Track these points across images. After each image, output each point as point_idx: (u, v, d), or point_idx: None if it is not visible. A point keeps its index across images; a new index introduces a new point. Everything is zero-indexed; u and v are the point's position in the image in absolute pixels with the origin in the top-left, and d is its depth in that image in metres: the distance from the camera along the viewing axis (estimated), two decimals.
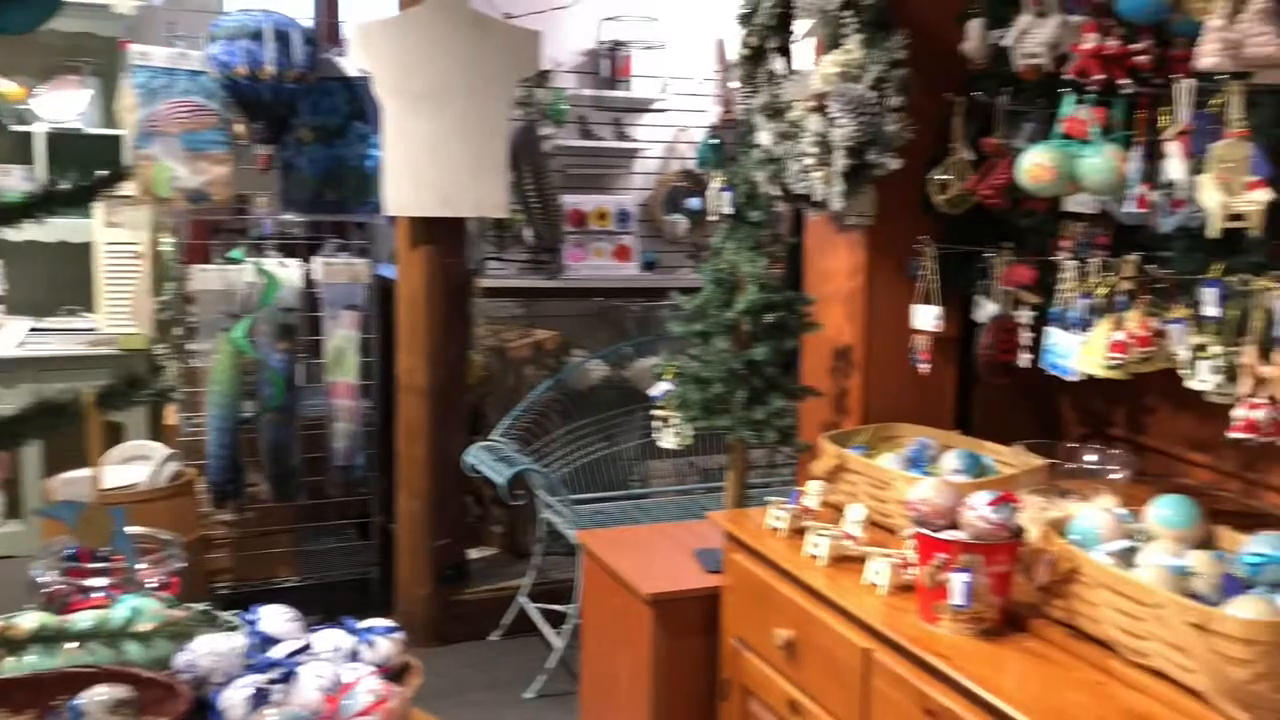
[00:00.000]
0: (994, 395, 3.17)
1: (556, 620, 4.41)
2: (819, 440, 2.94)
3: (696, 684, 2.91)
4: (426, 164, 4.41)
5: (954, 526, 2.20)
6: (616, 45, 6.10)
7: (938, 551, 2.16)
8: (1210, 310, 2.17)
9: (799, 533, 2.64)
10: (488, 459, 4.35)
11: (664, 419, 3.13)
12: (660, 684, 2.90)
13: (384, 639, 2.05)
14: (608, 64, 6.09)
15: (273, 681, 1.79)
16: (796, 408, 3.20)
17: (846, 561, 2.49)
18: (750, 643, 2.71)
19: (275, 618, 2.03)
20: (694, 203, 6.08)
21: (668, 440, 3.14)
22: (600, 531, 3.58)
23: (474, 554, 5.08)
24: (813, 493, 2.76)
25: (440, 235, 4.58)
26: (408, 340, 4.64)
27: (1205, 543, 2.17)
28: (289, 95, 4.52)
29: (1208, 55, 2.03)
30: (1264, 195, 1.99)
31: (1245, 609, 1.84)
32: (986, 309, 2.85)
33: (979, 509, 2.16)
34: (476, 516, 5.27)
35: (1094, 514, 2.22)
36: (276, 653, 1.94)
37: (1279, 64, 2.01)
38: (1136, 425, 3.08)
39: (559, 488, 4.35)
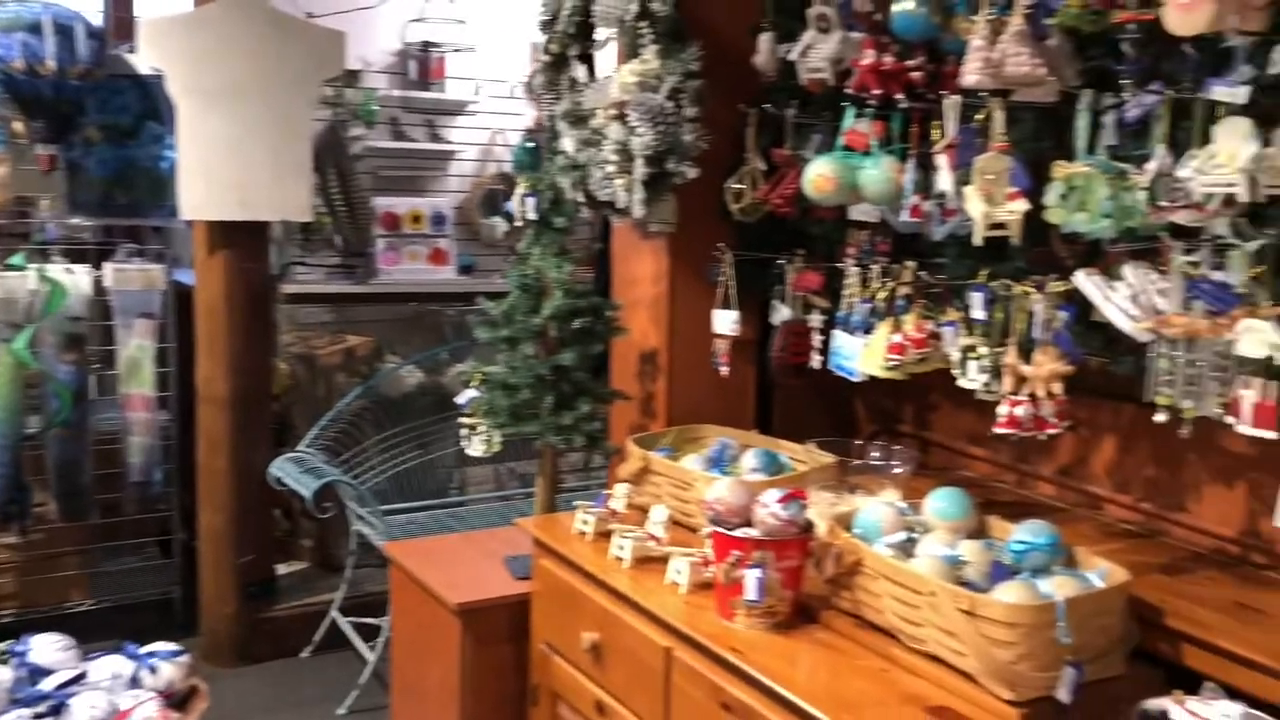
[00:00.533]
0: (792, 395, 3.29)
1: (370, 634, 4.32)
2: (626, 443, 2.98)
3: (507, 691, 2.91)
4: (224, 165, 4.25)
5: (749, 524, 2.26)
6: (428, 46, 6.02)
7: (732, 549, 2.23)
8: (978, 313, 2.31)
9: (605, 536, 2.67)
10: (294, 470, 4.23)
11: (471, 426, 3.11)
12: (469, 693, 2.89)
13: (167, 664, 1.97)
14: (415, 65, 6.01)
15: (40, 716, 1.70)
16: (606, 412, 3.23)
17: (651, 562, 2.53)
18: (559, 647, 2.72)
19: (46, 648, 1.92)
20: (511, 205, 6.05)
21: (476, 448, 3.12)
22: (408, 542, 3.52)
23: (283, 569, 4.93)
24: (619, 495, 2.79)
25: (240, 239, 4.42)
26: (207, 349, 4.47)
27: (978, 532, 2.30)
28: (73, 93, 4.28)
29: (970, 73, 2.16)
30: (1022, 205, 2.13)
31: (1009, 594, 1.97)
32: (781, 313, 2.94)
33: (770, 506, 2.23)
34: (285, 530, 5.10)
35: (877, 508, 2.33)
36: (48, 684, 1.84)
37: (1035, 82, 2.15)
38: (922, 421, 3.25)
39: (369, 498, 4.26)
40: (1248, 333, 1.77)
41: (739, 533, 2.24)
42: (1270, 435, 1.83)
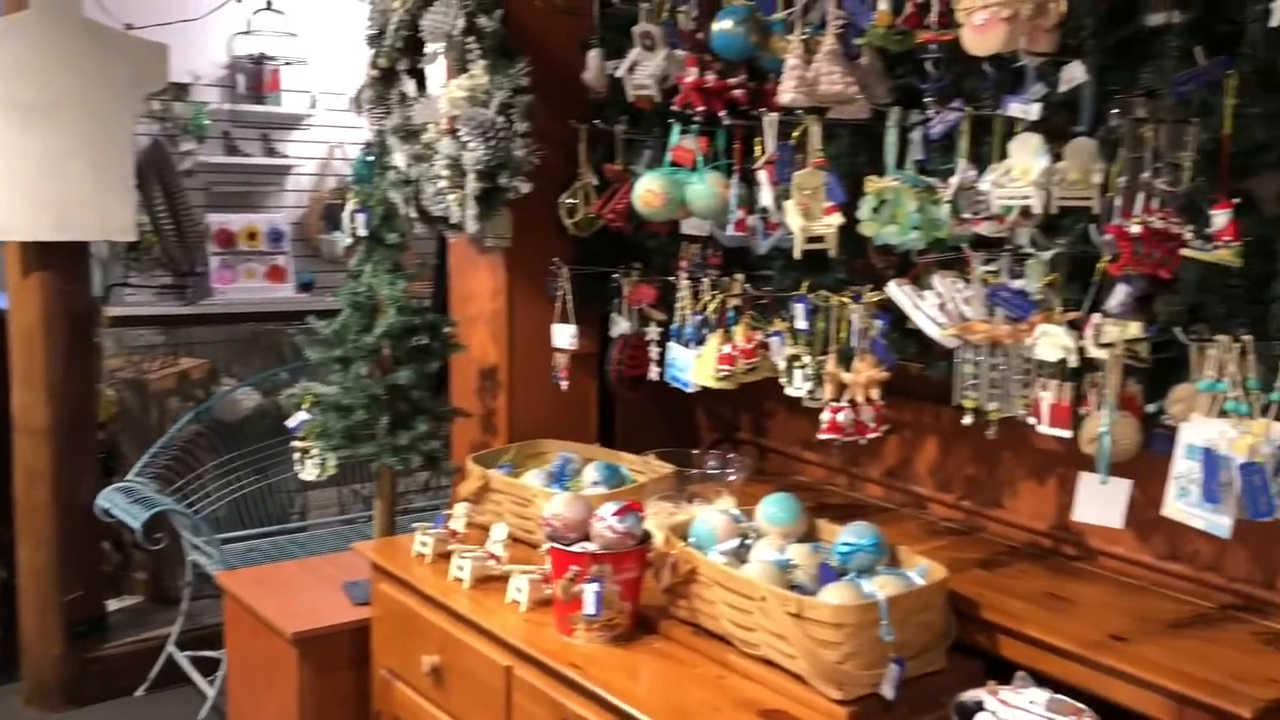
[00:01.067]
0: (634, 407, 3.32)
1: (209, 668, 4.16)
2: (465, 462, 2.95)
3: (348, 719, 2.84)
4: (39, 183, 4.04)
5: (587, 539, 2.27)
6: (261, 59, 5.86)
7: (570, 564, 2.23)
8: (801, 324, 2.38)
9: (446, 557, 2.63)
10: (122, 501, 4.04)
11: (304, 450, 3.03)
12: None
13: None
14: (244, 79, 5.83)
15: None
16: (447, 430, 3.20)
17: (491, 581, 2.51)
18: (400, 672, 2.67)
19: None
20: (361, 216, 5.93)
21: (309, 472, 3.04)
22: (243, 571, 3.41)
23: (114, 604, 4.69)
24: (459, 515, 2.76)
25: (59, 260, 4.21)
26: (23, 376, 4.23)
27: (808, 535, 2.36)
28: None
29: (786, 92, 2.22)
30: (837, 219, 2.21)
31: (834, 595, 2.02)
32: (620, 326, 2.97)
33: (607, 520, 2.24)
34: (116, 564, 4.87)
35: (712, 516, 2.37)
36: None
37: (847, 100, 2.23)
38: (760, 428, 3.32)
39: (204, 527, 4.10)
40: (1044, 337, 1.87)
41: (576, 547, 2.24)
42: (1066, 434, 1.94)
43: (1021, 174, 1.87)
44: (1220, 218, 1.66)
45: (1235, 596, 2.19)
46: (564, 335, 2.98)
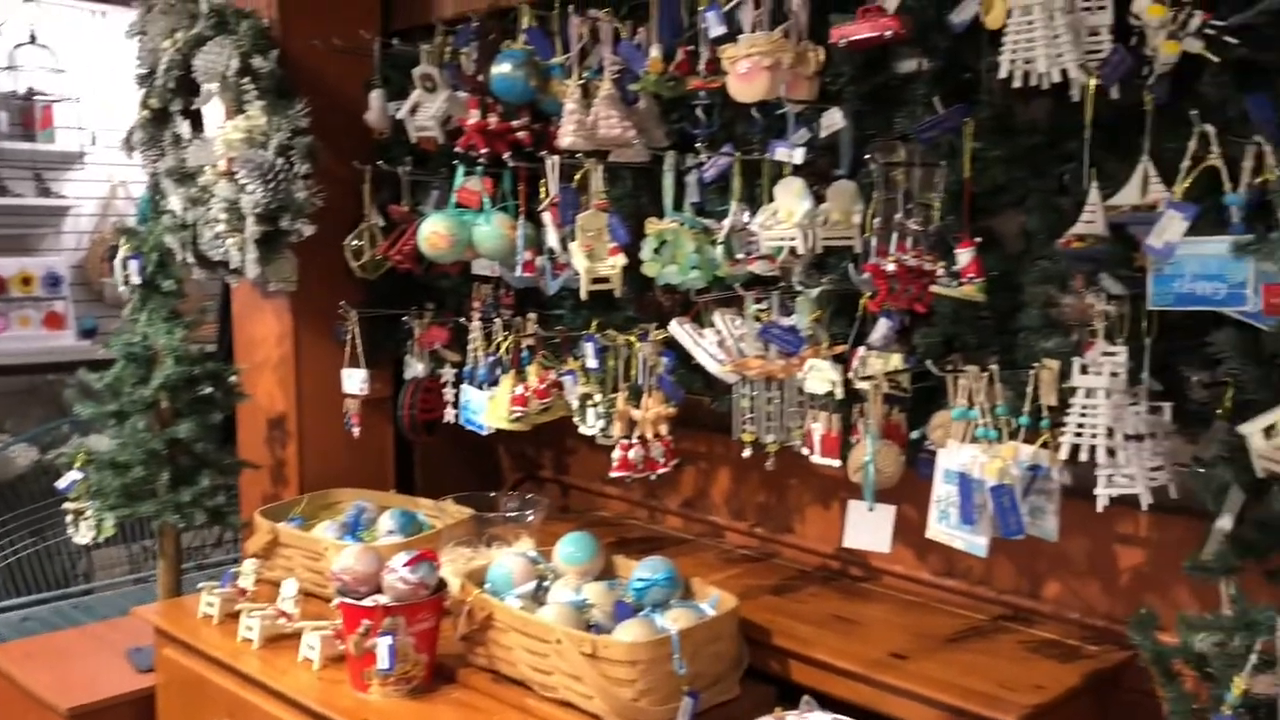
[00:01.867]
0: (434, 450, 3.27)
1: None
2: (254, 515, 2.84)
3: None
4: None
5: (379, 591, 2.22)
6: (30, 95, 5.53)
7: (362, 619, 2.17)
8: (591, 363, 2.40)
9: (234, 616, 2.52)
10: None
11: (77, 512, 2.85)
12: None
13: None
14: (8, 115, 5.49)
15: None
16: (235, 483, 3.07)
17: (283, 640, 2.42)
18: None
19: None
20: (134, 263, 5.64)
21: (83, 535, 2.86)
22: (13, 644, 3.17)
23: None
24: (247, 572, 2.65)
25: None
26: None
27: (606, 573, 2.38)
28: None
29: (566, 135, 2.25)
30: (621, 260, 2.24)
31: (627, 633, 2.04)
32: (415, 369, 2.93)
33: (398, 571, 2.20)
34: None
35: (509, 560, 2.35)
36: None
37: (625, 143, 2.28)
38: (562, 466, 3.33)
39: None
40: (813, 372, 1.95)
41: (368, 601, 2.19)
42: (836, 463, 2.02)
43: (787, 216, 1.95)
44: (964, 256, 1.77)
45: (1005, 607, 2.33)
46: (354, 380, 2.91)
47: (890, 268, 1.82)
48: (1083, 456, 1.62)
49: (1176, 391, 1.72)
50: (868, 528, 1.79)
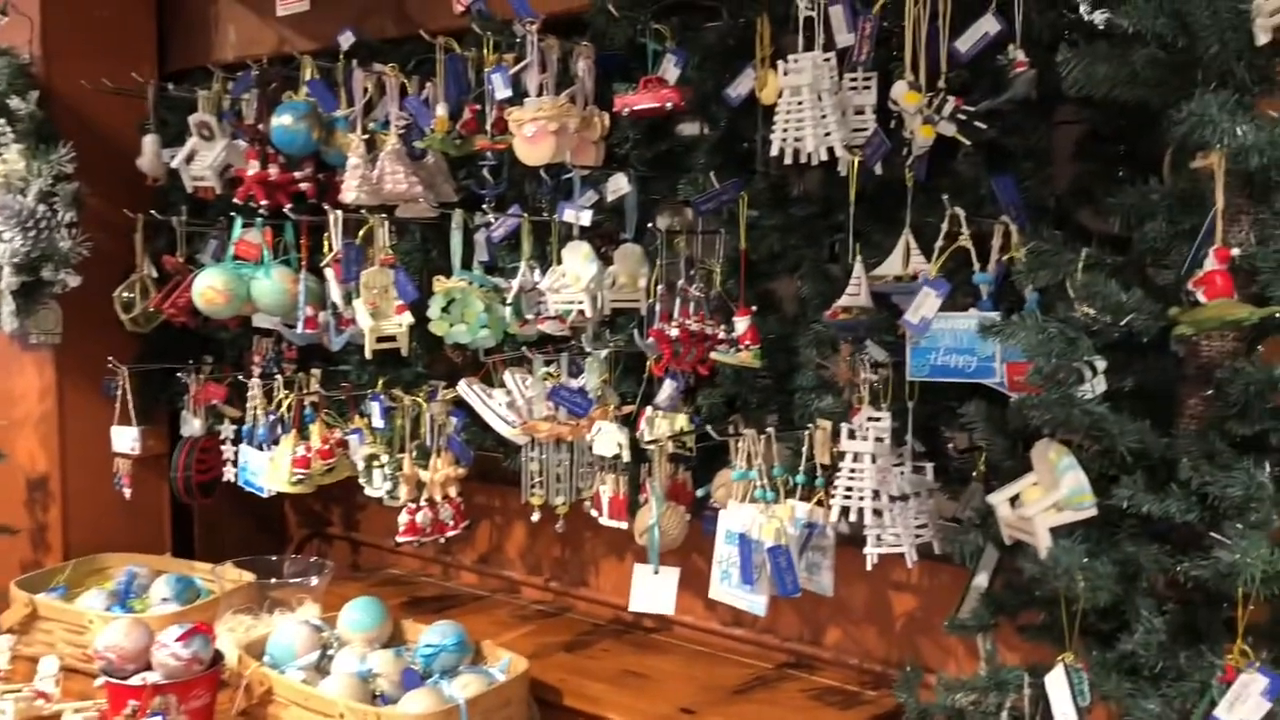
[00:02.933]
0: (216, 509, 3.11)
1: None
2: (10, 586, 2.63)
3: None
4: None
5: (149, 667, 2.08)
6: None
7: (128, 699, 2.03)
8: (377, 422, 2.34)
9: None
10: None
11: None
12: None
13: None
14: None
15: None
16: None
17: None
18: None
19: None
20: None
21: None
22: None
23: None
24: (2, 649, 2.44)
25: None
26: None
27: (395, 638, 2.32)
28: None
29: (350, 190, 2.20)
30: (407, 319, 2.20)
31: (414, 703, 1.99)
32: (191, 426, 2.78)
33: (169, 646, 2.07)
34: None
35: (291, 628, 2.26)
36: None
37: (412, 199, 2.25)
38: (351, 522, 3.23)
39: None
40: (601, 434, 1.96)
41: (135, 679, 2.05)
42: (623, 525, 2.04)
43: (574, 280, 1.97)
44: (741, 324, 1.83)
45: (789, 654, 2.40)
46: (125, 438, 2.75)
47: (674, 332, 1.86)
48: (852, 517, 1.69)
49: (939, 451, 1.82)
50: (652, 591, 1.81)
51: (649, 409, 2.01)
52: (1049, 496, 1.30)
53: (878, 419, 1.67)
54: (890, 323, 1.78)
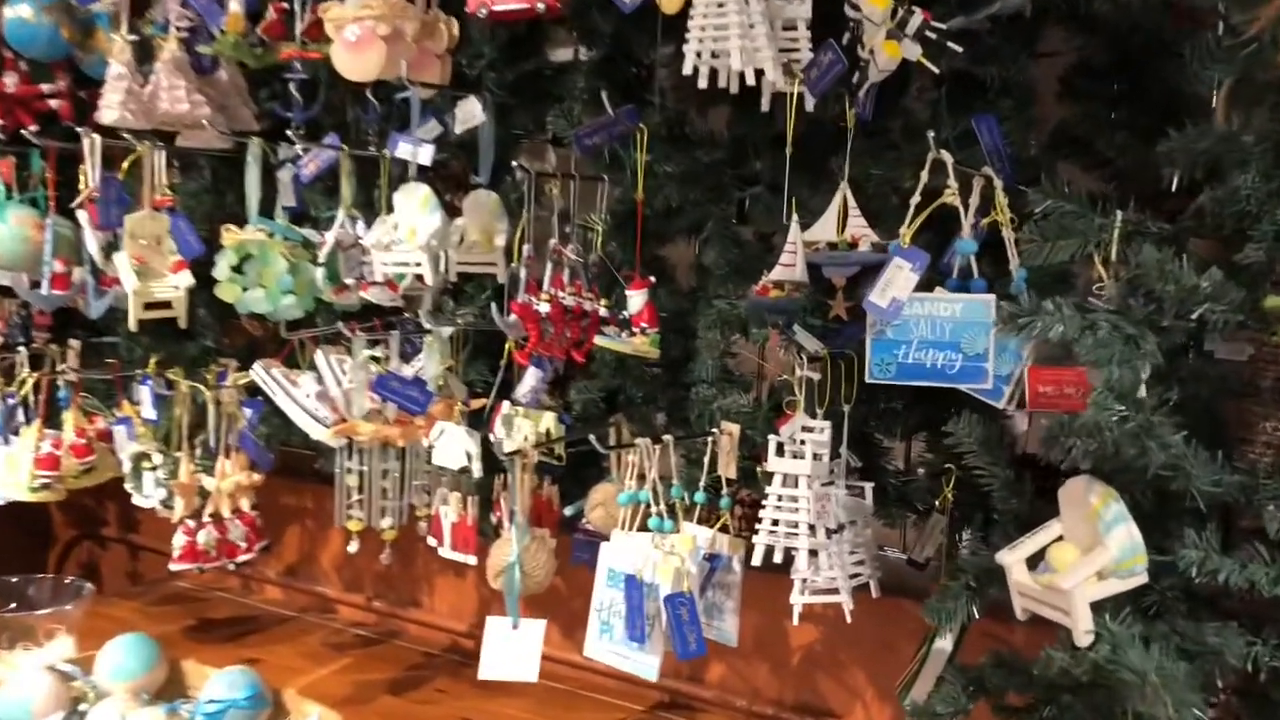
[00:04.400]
0: None
1: None
2: None
3: None
4: None
5: None
6: None
7: None
8: (149, 412, 1.81)
9: None
10: None
11: None
12: None
13: None
14: None
15: None
16: None
17: None
18: None
19: None
20: None
21: None
22: None
23: None
24: None
25: None
26: None
27: (171, 685, 1.82)
28: None
29: (111, 108, 1.67)
30: (187, 279, 1.68)
31: None
32: None
33: None
34: None
35: (29, 679, 1.73)
36: None
37: (196, 123, 1.73)
38: (129, 522, 2.68)
39: None
40: (444, 438, 1.51)
41: None
42: (470, 560, 1.59)
43: (409, 234, 1.49)
44: (636, 299, 1.40)
45: (664, 693, 2.01)
46: None
47: (544, 307, 1.41)
48: (777, 558, 1.30)
49: (873, 467, 1.44)
50: (510, 652, 1.37)
51: (505, 405, 1.56)
52: (1092, 560, 0.93)
53: (812, 429, 1.28)
54: (821, 304, 1.39)
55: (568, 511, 1.58)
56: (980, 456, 1.07)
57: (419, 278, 1.58)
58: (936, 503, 1.27)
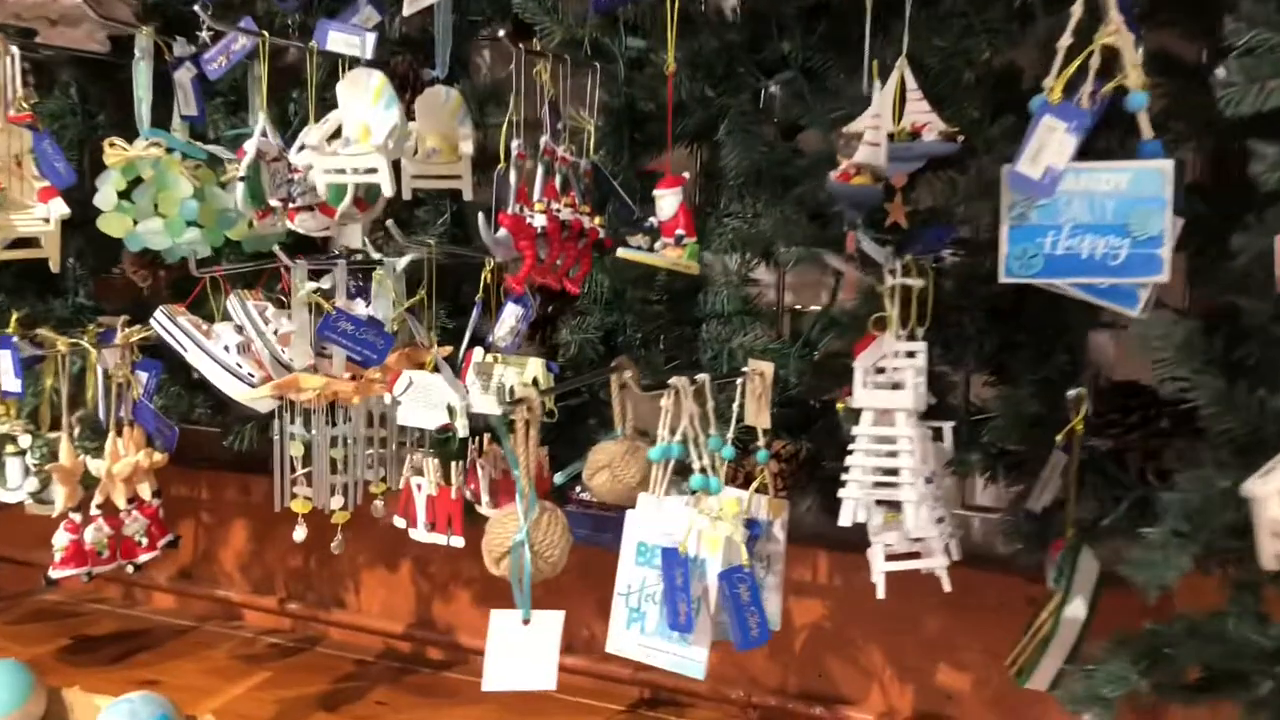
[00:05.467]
0: None
1: None
2: None
3: None
4: None
5: None
6: None
7: None
8: (10, 383, 1.44)
9: None
10: None
11: None
12: None
13: None
14: None
15: None
16: None
17: None
18: None
19: None
20: None
21: None
22: None
23: None
24: None
25: None
26: None
27: (53, 715, 1.47)
28: None
29: None
30: (60, 210, 1.33)
31: None
32: None
33: None
34: None
35: None
36: None
37: (67, 18, 1.37)
38: None
39: None
40: (412, 392, 1.20)
41: None
42: (458, 543, 1.29)
43: (362, 133, 1.18)
44: (669, 201, 1.12)
45: (645, 689, 1.76)
46: None
47: (539, 221, 1.12)
48: (860, 517, 1.05)
49: (944, 404, 1.20)
50: (521, 654, 1.08)
51: (477, 351, 1.26)
52: None
53: (913, 354, 1.02)
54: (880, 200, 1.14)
55: (558, 479, 1.29)
56: (1179, 365, 0.84)
57: (361, 198, 1.26)
58: (1056, 439, 1.04)
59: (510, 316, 1.27)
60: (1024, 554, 1.17)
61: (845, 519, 1.04)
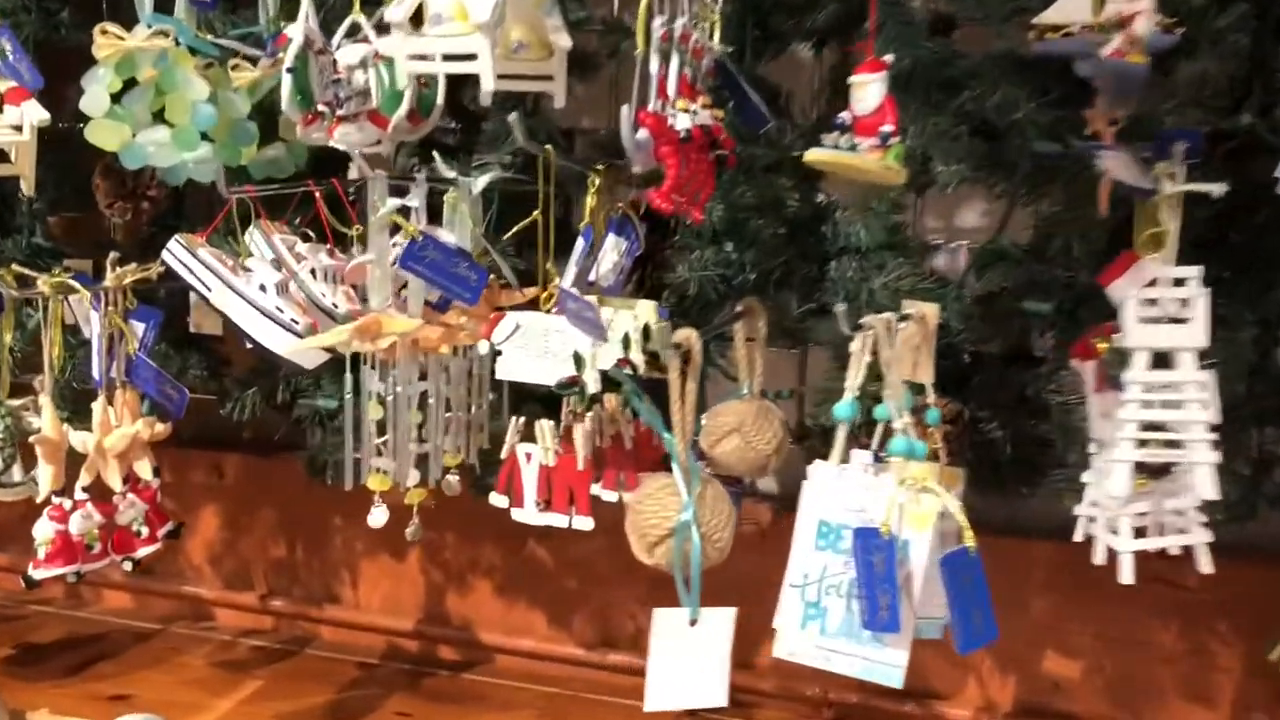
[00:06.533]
0: None
1: None
2: None
3: None
4: None
5: None
6: None
7: None
8: None
9: None
10: None
11: None
12: None
13: None
14: None
15: None
16: None
17: None
18: None
19: None
20: None
21: None
22: None
23: None
24: None
25: None
26: None
27: None
28: None
29: None
30: (33, 114, 1.05)
31: None
32: None
33: None
34: None
35: None
36: None
37: None
38: None
39: None
40: (520, 339, 0.96)
41: None
42: (586, 525, 1.04)
43: (458, 11, 0.93)
44: (873, 89, 0.89)
45: None
46: None
47: (684, 122, 0.90)
48: (1121, 488, 0.85)
49: None
50: (685, 660, 0.85)
51: (565, 288, 1.02)
52: None
53: (1187, 279, 0.83)
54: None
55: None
56: None
57: (412, 112, 1.01)
58: None
59: (612, 250, 1.04)
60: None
61: (1119, 487, 0.84)
